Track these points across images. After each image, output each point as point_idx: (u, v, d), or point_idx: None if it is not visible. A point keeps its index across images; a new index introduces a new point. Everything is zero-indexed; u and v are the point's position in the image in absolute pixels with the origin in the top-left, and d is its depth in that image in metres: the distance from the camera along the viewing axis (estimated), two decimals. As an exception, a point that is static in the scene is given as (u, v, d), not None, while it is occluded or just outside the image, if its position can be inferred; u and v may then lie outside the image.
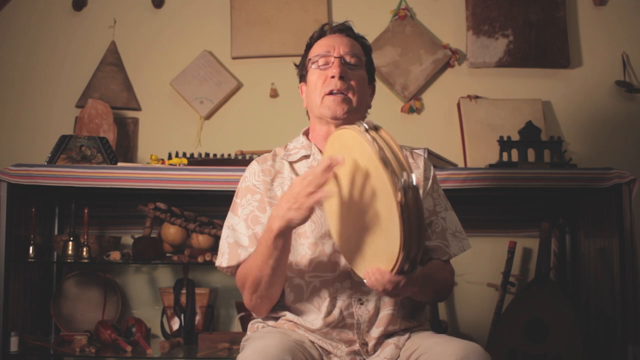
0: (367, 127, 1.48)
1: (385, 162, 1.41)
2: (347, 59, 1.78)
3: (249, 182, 1.80)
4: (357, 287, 1.68)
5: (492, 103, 3.03)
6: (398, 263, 1.42)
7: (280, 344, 1.52)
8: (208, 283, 2.95)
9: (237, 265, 1.74)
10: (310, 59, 1.82)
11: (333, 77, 1.75)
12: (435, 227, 1.79)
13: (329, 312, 1.67)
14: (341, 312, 1.68)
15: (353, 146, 1.50)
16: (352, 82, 1.76)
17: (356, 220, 1.53)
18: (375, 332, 1.69)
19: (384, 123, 1.57)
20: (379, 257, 1.48)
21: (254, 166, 1.83)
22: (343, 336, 1.68)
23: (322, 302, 1.68)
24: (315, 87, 1.78)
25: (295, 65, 1.94)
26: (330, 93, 1.75)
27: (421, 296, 1.69)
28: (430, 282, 1.65)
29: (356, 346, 1.68)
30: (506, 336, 2.66)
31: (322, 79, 1.77)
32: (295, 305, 1.71)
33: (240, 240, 1.74)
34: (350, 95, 1.75)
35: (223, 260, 1.76)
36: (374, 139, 1.45)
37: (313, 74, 1.80)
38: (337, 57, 1.77)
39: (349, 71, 1.77)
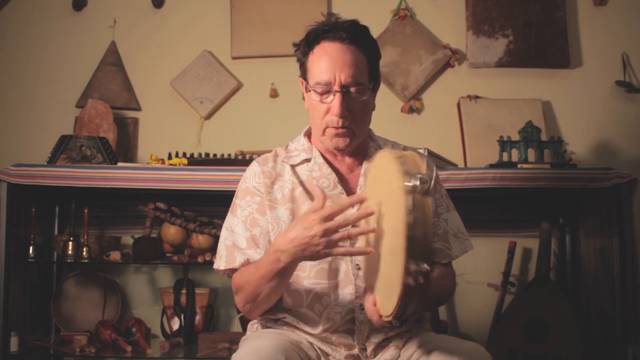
0: (416, 186, 1.35)
1: (410, 242, 1.32)
2: (350, 90, 1.65)
3: (249, 183, 1.77)
4: (359, 293, 1.66)
5: (492, 103, 3.02)
6: (388, 318, 1.42)
7: (275, 344, 1.51)
8: (208, 283, 2.95)
9: (234, 270, 1.72)
10: (309, 86, 1.69)
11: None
12: (436, 229, 1.76)
13: (329, 318, 1.66)
14: (342, 317, 1.66)
15: (391, 196, 1.40)
16: (355, 115, 1.67)
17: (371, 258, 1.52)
18: (376, 337, 1.68)
19: (384, 123, 1.57)
20: (381, 293, 1.48)
21: (254, 167, 1.79)
22: (342, 340, 1.67)
23: (323, 309, 1.66)
24: (317, 112, 1.69)
25: (295, 45, 1.78)
26: (333, 126, 1.68)
27: (424, 308, 1.68)
28: (432, 294, 1.61)
29: (355, 350, 1.67)
30: (506, 336, 2.66)
31: (324, 109, 1.67)
32: (294, 309, 1.70)
33: (237, 242, 1.72)
34: (353, 127, 1.68)
35: (221, 263, 1.74)
36: (414, 207, 1.33)
37: (314, 96, 1.69)
38: (338, 91, 1.64)
39: (352, 103, 1.66)
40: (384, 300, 1.45)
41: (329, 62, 1.65)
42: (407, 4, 3.10)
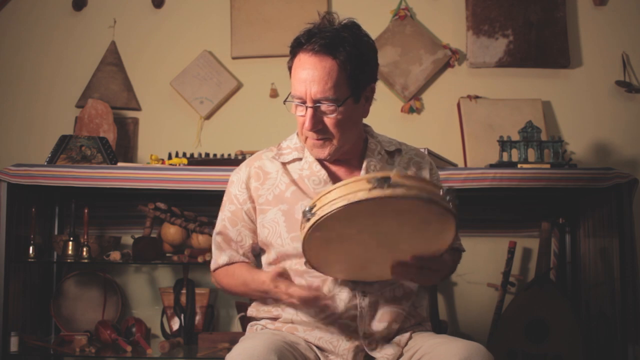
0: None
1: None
2: (321, 107, 1.64)
3: (232, 189, 1.81)
4: (359, 280, 1.67)
5: (492, 103, 3.03)
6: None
7: (267, 344, 1.52)
8: (208, 283, 2.95)
9: (216, 268, 1.83)
10: (290, 96, 1.70)
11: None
12: None
13: (331, 305, 1.66)
14: (344, 304, 1.66)
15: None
16: (329, 129, 1.66)
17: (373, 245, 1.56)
18: (378, 326, 1.68)
19: (384, 123, 1.57)
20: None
21: (241, 173, 1.81)
22: (345, 329, 1.67)
23: (324, 296, 1.66)
24: (298, 122, 1.71)
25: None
26: (311, 138, 1.70)
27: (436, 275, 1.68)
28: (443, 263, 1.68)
29: (358, 340, 1.67)
30: (506, 336, 2.66)
31: (301, 121, 1.69)
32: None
33: (215, 243, 1.82)
34: (331, 138, 1.68)
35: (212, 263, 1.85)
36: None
37: (293, 107, 1.70)
38: (310, 107, 1.64)
39: (325, 118, 1.65)
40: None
41: (301, 76, 1.64)
42: (407, 4, 3.10)
